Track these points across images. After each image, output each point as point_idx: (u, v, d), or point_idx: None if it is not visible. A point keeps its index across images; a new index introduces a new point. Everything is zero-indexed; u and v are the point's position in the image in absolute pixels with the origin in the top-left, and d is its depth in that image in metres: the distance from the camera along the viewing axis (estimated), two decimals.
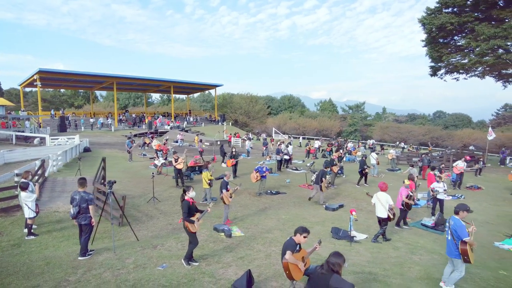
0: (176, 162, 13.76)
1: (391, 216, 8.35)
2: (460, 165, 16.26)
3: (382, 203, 8.24)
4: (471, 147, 30.33)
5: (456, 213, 5.89)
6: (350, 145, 25.64)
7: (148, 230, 9.01)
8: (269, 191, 13.58)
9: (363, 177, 15.76)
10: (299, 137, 46.00)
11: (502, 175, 20.96)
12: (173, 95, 48.96)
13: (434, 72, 25.75)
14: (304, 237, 4.87)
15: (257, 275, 5.97)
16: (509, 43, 18.49)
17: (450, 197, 14.86)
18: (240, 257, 6.89)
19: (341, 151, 21.06)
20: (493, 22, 19.40)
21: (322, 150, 27.95)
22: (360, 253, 7.67)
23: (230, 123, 47.42)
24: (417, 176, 15.59)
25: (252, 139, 38.02)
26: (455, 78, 25.74)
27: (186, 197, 6.23)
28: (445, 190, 11.49)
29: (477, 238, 9.86)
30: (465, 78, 25.32)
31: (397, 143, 44.06)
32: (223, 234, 8.28)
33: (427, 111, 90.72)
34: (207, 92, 65.31)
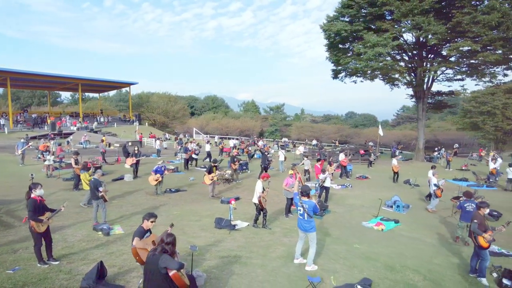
0: (76, 164, 12.77)
1: (263, 204, 8.96)
2: (341, 157, 18.07)
3: (256, 190, 8.86)
4: (370, 143, 33.86)
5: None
6: (260, 143, 26.77)
7: (17, 235, 8.25)
8: (168, 190, 13.46)
9: (264, 171, 16.59)
10: (214, 137, 46.51)
11: (390, 167, 23.95)
12: (83, 93, 45.24)
13: (335, 75, 28.29)
14: (152, 221, 5.04)
15: (118, 267, 5.94)
16: (388, 51, 21.30)
17: (340, 186, 16.53)
18: (110, 253, 6.76)
19: (249, 148, 21.85)
20: (378, 32, 22.06)
21: (238, 148, 28.64)
22: (236, 239, 8.10)
23: (147, 123, 45.59)
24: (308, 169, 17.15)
25: (169, 139, 37.20)
26: (354, 81, 28.65)
27: (32, 195, 5.87)
28: (328, 177, 12.68)
29: (350, 220, 11.22)
30: (361, 81, 28.34)
31: (311, 140, 47.18)
32: (101, 233, 8.01)
33: (341, 111, 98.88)
34: (124, 90, 61.81)
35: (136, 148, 16.29)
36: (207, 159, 20.63)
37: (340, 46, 25.95)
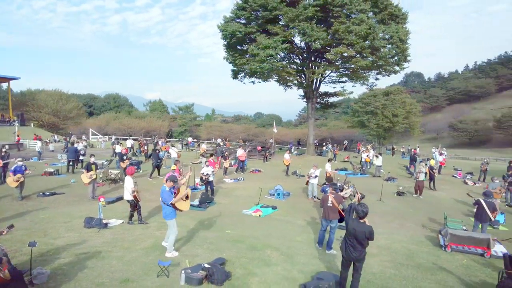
0: None
1: (138, 199, 8.81)
2: (239, 153, 18.87)
3: (126, 187, 8.64)
4: (270, 140, 35.76)
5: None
6: (160, 143, 26.15)
7: None
8: (40, 193, 12.15)
9: (156, 170, 16.24)
10: (111, 137, 43.93)
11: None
12: None
13: (235, 75, 29.17)
14: None
15: None
16: (278, 53, 22.93)
17: (233, 180, 17.13)
18: None
19: (145, 147, 21.15)
20: (270, 35, 23.47)
21: (136, 149, 27.35)
22: (104, 236, 7.78)
23: (33, 124, 40.16)
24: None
25: (59, 141, 33.61)
26: (252, 82, 29.92)
27: None
28: (212, 172, 13.02)
29: (232, 209, 11.72)
30: (259, 82, 29.79)
31: (217, 139, 47.77)
32: None
33: (251, 112, 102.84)
34: (4, 87, 53.40)
35: (3, 150, 14.28)
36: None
37: (238, 47, 26.89)
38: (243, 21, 25.20)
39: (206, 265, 5.56)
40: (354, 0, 21.45)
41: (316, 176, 13.27)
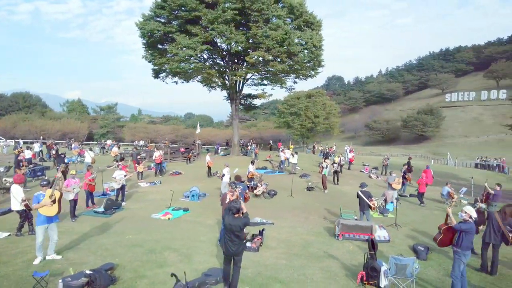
0: None
1: (30, 207, 8.14)
2: (156, 155, 18.43)
3: (15, 196, 7.93)
4: (198, 141, 35.41)
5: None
6: (73, 146, 24.30)
7: None
8: None
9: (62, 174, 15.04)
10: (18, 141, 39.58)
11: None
12: None
13: (156, 74, 28.29)
14: None
15: None
16: (198, 54, 22.89)
17: (149, 183, 16.65)
18: None
19: (53, 151, 19.40)
20: (191, 36, 23.26)
21: (46, 153, 24.93)
22: None
23: None
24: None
25: None
26: (175, 82, 29.34)
27: None
28: (125, 177, 12.54)
29: (141, 214, 11.41)
30: (182, 82, 29.34)
31: (139, 141, 45.91)
32: None
33: (183, 112, 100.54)
34: None
35: None
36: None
37: (159, 46, 26.17)
38: (162, 20, 24.59)
39: (88, 272, 5.38)
40: (271, 6, 22.39)
41: (223, 175, 13.55)
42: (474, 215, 6.00)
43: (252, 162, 17.24)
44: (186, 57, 22.13)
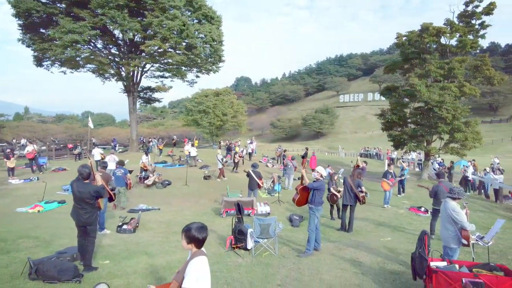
0: None
1: None
2: (29, 149, 16.36)
3: None
4: (93, 140, 32.58)
5: None
6: None
7: None
8: None
9: None
10: None
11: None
12: None
13: (38, 62, 24.93)
14: None
15: None
16: (85, 39, 20.93)
17: (23, 180, 14.63)
18: None
19: None
20: (78, 20, 21.16)
21: None
22: None
23: None
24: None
25: None
26: (63, 72, 26.36)
27: None
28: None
29: (4, 210, 9.96)
30: (71, 72, 26.52)
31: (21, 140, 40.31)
32: None
33: (81, 111, 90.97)
34: None
35: None
36: None
37: (42, 30, 23.22)
38: (43, 0, 21.83)
39: None
40: None
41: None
42: (325, 174, 6.80)
43: (146, 153, 16.49)
44: (72, 43, 20.04)
